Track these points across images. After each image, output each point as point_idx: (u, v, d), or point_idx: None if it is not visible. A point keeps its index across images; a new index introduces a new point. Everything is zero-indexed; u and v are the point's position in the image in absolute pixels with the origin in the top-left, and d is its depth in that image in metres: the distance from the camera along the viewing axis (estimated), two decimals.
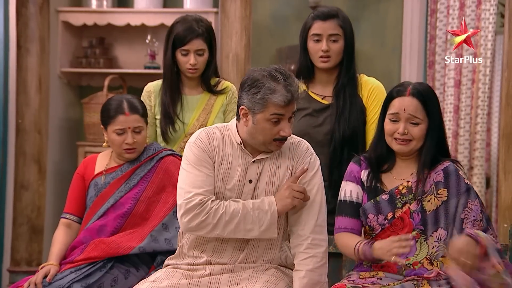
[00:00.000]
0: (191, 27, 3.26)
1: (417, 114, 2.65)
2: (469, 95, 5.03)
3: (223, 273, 2.68)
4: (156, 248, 3.04)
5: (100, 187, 3.14)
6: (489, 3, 4.93)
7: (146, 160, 3.14)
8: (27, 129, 4.71)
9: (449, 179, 2.65)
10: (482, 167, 5.07)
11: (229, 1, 4.55)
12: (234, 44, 4.55)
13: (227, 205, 2.62)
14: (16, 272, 4.68)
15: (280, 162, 2.71)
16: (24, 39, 4.69)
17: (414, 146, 2.68)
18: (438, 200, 2.64)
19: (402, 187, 2.69)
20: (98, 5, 5.37)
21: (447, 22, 5.07)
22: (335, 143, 3.12)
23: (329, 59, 3.15)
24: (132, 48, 5.49)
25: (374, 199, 2.70)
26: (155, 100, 3.36)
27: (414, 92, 2.66)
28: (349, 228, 2.74)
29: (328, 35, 3.14)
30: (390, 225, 2.67)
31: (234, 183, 2.69)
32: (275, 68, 2.62)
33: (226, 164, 2.70)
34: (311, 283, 2.63)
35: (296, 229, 2.68)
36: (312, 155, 2.74)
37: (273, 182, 2.70)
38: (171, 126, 3.29)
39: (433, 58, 5.15)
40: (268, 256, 2.72)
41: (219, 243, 2.70)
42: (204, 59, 3.29)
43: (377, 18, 5.30)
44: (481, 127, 5.04)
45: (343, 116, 3.13)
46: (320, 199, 2.70)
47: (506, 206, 3.95)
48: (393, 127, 2.67)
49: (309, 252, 2.64)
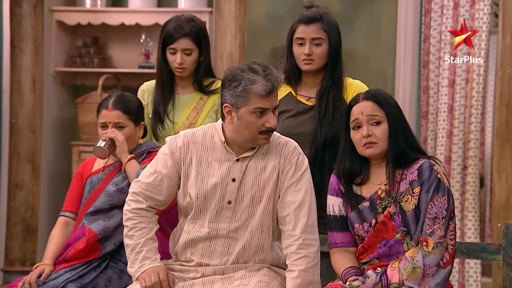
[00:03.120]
0: (180, 26, 3.27)
1: (375, 113, 2.68)
2: (463, 94, 5.03)
3: (215, 274, 2.69)
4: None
5: (94, 183, 3.15)
6: (483, 3, 4.94)
7: (137, 156, 3.15)
8: (21, 129, 4.69)
9: (422, 175, 2.64)
10: (476, 167, 5.08)
11: (224, 0, 4.55)
12: (229, 43, 4.54)
13: (135, 233, 2.74)
14: (10, 272, 4.66)
15: (267, 162, 2.71)
16: (18, 39, 4.68)
17: (382, 147, 2.68)
18: (415, 199, 2.64)
19: (381, 191, 2.69)
20: (92, 5, 5.37)
21: (441, 21, 5.08)
22: (317, 146, 3.12)
23: (312, 62, 3.16)
24: (127, 47, 5.49)
25: (357, 208, 2.71)
26: (148, 98, 3.38)
27: (368, 95, 2.71)
28: (339, 242, 2.76)
29: (311, 38, 3.15)
30: (374, 231, 2.68)
31: (215, 182, 2.69)
32: (253, 61, 2.66)
33: (205, 164, 2.71)
34: (304, 283, 2.63)
35: (287, 229, 2.68)
36: (299, 155, 2.74)
37: (259, 181, 2.69)
38: (160, 125, 3.31)
39: (427, 58, 5.16)
40: (260, 257, 2.72)
41: (207, 246, 2.71)
42: (192, 59, 3.29)
43: (371, 18, 5.30)
44: (475, 126, 5.05)
45: (325, 119, 3.13)
46: (309, 200, 2.70)
47: (500, 206, 3.96)
48: (358, 134, 2.69)
49: (301, 252, 2.64)
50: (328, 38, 3.15)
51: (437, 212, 2.61)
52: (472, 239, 5.02)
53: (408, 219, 2.64)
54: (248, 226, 2.70)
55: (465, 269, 5.05)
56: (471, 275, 5.04)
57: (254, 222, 2.69)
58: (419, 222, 2.63)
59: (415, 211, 2.64)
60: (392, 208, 2.66)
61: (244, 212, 2.69)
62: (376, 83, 5.05)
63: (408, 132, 2.72)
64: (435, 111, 5.14)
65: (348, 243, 2.75)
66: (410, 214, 2.64)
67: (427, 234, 2.61)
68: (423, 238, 2.61)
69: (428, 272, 2.59)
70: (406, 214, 2.65)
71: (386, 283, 2.57)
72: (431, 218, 2.61)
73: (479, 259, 3.25)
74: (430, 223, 2.61)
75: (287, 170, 2.70)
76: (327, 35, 3.15)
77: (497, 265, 3.94)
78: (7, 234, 4.73)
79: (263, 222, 2.69)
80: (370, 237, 2.69)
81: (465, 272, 5.05)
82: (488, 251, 2.91)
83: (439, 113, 5.10)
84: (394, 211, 2.66)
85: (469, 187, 5.05)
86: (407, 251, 2.64)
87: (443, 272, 2.60)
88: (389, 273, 2.59)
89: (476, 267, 5.04)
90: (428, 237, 2.60)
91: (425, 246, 2.60)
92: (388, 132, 2.67)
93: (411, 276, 2.56)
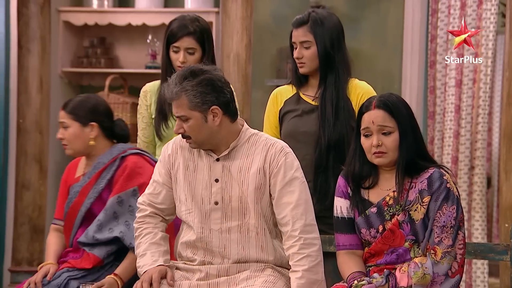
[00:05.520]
0: (184, 25, 3.28)
1: (386, 124, 2.65)
2: (470, 94, 5.02)
3: (219, 275, 2.69)
4: (100, 238, 3.04)
5: (71, 196, 3.16)
6: (490, 3, 4.93)
7: (110, 162, 3.14)
8: (28, 129, 4.71)
9: (432, 185, 2.63)
10: (483, 167, 5.07)
11: (230, 1, 4.55)
12: (235, 44, 4.55)
13: (141, 240, 2.78)
14: (17, 272, 4.68)
15: (252, 162, 2.70)
16: (25, 39, 4.70)
17: (392, 157, 2.66)
18: (424, 208, 2.62)
19: (389, 198, 2.67)
20: (99, 5, 5.38)
21: (448, 21, 5.07)
22: (321, 148, 3.10)
23: (304, 65, 3.16)
24: (133, 48, 5.49)
25: (364, 213, 2.70)
26: (151, 99, 3.39)
27: (380, 104, 2.67)
28: (348, 244, 2.74)
29: (300, 42, 3.15)
30: (381, 238, 2.67)
31: (202, 185, 2.71)
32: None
33: (192, 167, 2.74)
34: (309, 282, 2.63)
35: (286, 231, 2.68)
36: (286, 155, 2.71)
37: (243, 181, 2.69)
38: (164, 123, 3.31)
39: (434, 58, 5.15)
40: (261, 257, 2.71)
41: (205, 247, 2.72)
42: (195, 58, 3.29)
43: (377, 18, 5.29)
44: (482, 126, 5.04)
45: (327, 121, 3.11)
46: (305, 199, 2.69)
47: (507, 206, 3.95)
48: (368, 142, 2.67)
49: (304, 252, 2.64)
50: (315, 39, 3.14)
51: (445, 221, 2.60)
52: (479, 239, 5.01)
53: (417, 228, 2.63)
54: (241, 227, 2.70)
55: (472, 270, 5.04)
56: (478, 276, 5.03)
57: (247, 223, 2.70)
58: (427, 230, 2.62)
59: (423, 220, 2.63)
60: (401, 217, 2.65)
61: (234, 213, 2.70)
62: (382, 83, 5.05)
63: (419, 140, 2.70)
64: (442, 111, 5.13)
65: (356, 245, 2.74)
66: (419, 223, 2.63)
67: (435, 243, 2.60)
68: (430, 247, 2.61)
69: (436, 280, 2.58)
70: (415, 223, 2.63)
71: (394, 285, 2.57)
72: (439, 226, 2.60)
73: (486, 259, 3.25)
74: (438, 232, 2.60)
75: (276, 172, 2.69)
76: (313, 37, 3.14)
77: (505, 266, 3.93)
78: (14, 234, 4.75)
79: (257, 223, 2.69)
80: (377, 243, 2.68)
81: (472, 273, 5.04)
82: (495, 252, 2.91)
83: (446, 113, 5.09)
84: (402, 219, 2.64)
85: (476, 187, 5.04)
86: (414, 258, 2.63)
87: (451, 281, 2.59)
88: (397, 276, 2.58)
89: (484, 267, 5.02)
90: (436, 246, 2.59)
91: (433, 254, 2.59)
92: (399, 142, 2.66)
93: (421, 281, 2.56)
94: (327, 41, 3.13)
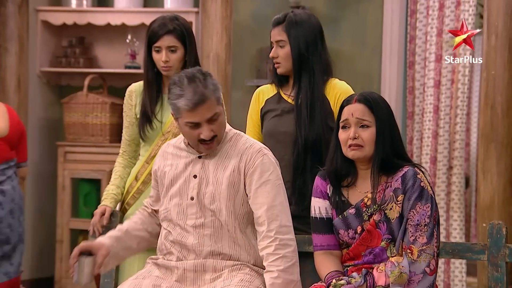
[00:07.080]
0: (163, 24, 3.28)
1: (364, 117, 2.66)
2: (448, 95, 5.05)
3: (196, 271, 2.71)
4: None
5: None
6: (468, 4, 4.97)
7: None
8: None
9: (406, 183, 2.64)
10: (462, 167, 5.10)
11: (210, 1, 4.55)
12: (215, 44, 4.54)
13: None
14: None
15: (229, 161, 2.73)
16: (3, 38, 4.66)
17: (367, 152, 2.67)
18: (399, 206, 2.63)
19: (367, 199, 2.68)
20: (78, 4, 5.35)
21: (427, 22, 5.10)
22: (298, 149, 3.10)
23: (279, 65, 3.16)
24: (112, 47, 5.47)
25: (342, 214, 2.71)
26: (136, 99, 3.37)
27: (361, 98, 2.69)
28: (325, 245, 2.75)
29: (276, 41, 3.16)
30: (360, 239, 2.67)
31: (182, 180, 2.77)
32: (192, 69, 2.71)
33: (175, 166, 2.80)
34: (285, 282, 2.63)
35: (262, 231, 2.68)
36: (264, 156, 2.73)
37: (218, 179, 2.72)
38: (148, 125, 3.31)
39: (413, 59, 5.18)
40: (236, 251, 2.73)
41: (180, 242, 2.75)
42: (177, 57, 3.29)
43: (357, 19, 5.31)
44: (461, 127, 5.07)
45: (302, 121, 3.10)
46: (281, 200, 2.71)
47: (485, 206, 3.97)
48: (345, 134, 2.69)
49: (279, 253, 2.65)
50: (288, 40, 3.14)
51: (419, 220, 2.60)
52: (457, 239, 5.04)
53: (393, 227, 2.64)
54: (214, 222, 2.72)
55: (450, 269, 5.07)
56: (456, 275, 5.07)
57: (220, 219, 2.72)
58: (401, 229, 2.63)
59: (399, 219, 2.64)
60: (377, 216, 2.65)
61: (208, 209, 2.72)
62: (362, 83, 5.06)
63: (396, 139, 2.71)
64: (420, 112, 5.15)
65: (333, 245, 2.74)
66: (395, 222, 2.64)
67: (410, 242, 2.60)
68: (406, 246, 2.62)
69: (413, 279, 2.59)
70: (391, 222, 2.64)
71: (372, 284, 2.58)
72: (413, 225, 2.60)
73: (464, 259, 3.26)
74: (412, 231, 2.60)
75: (252, 172, 2.70)
76: (287, 37, 3.14)
77: (482, 265, 3.95)
78: None
79: (228, 221, 2.71)
80: (356, 245, 2.68)
81: (450, 272, 5.07)
82: (473, 251, 2.92)
83: (424, 113, 5.12)
84: (379, 219, 2.65)
85: (455, 187, 5.07)
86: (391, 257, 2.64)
87: (430, 279, 2.60)
88: (375, 275, 2.59)
89: (462, 267, 5.06)
90: (411, 245, 2.60)
91: (409, 253, 2.60)
92: (375, 137, 2.67)
93: (398, 280, 2.56)
94: (301, 42, 3.12)
